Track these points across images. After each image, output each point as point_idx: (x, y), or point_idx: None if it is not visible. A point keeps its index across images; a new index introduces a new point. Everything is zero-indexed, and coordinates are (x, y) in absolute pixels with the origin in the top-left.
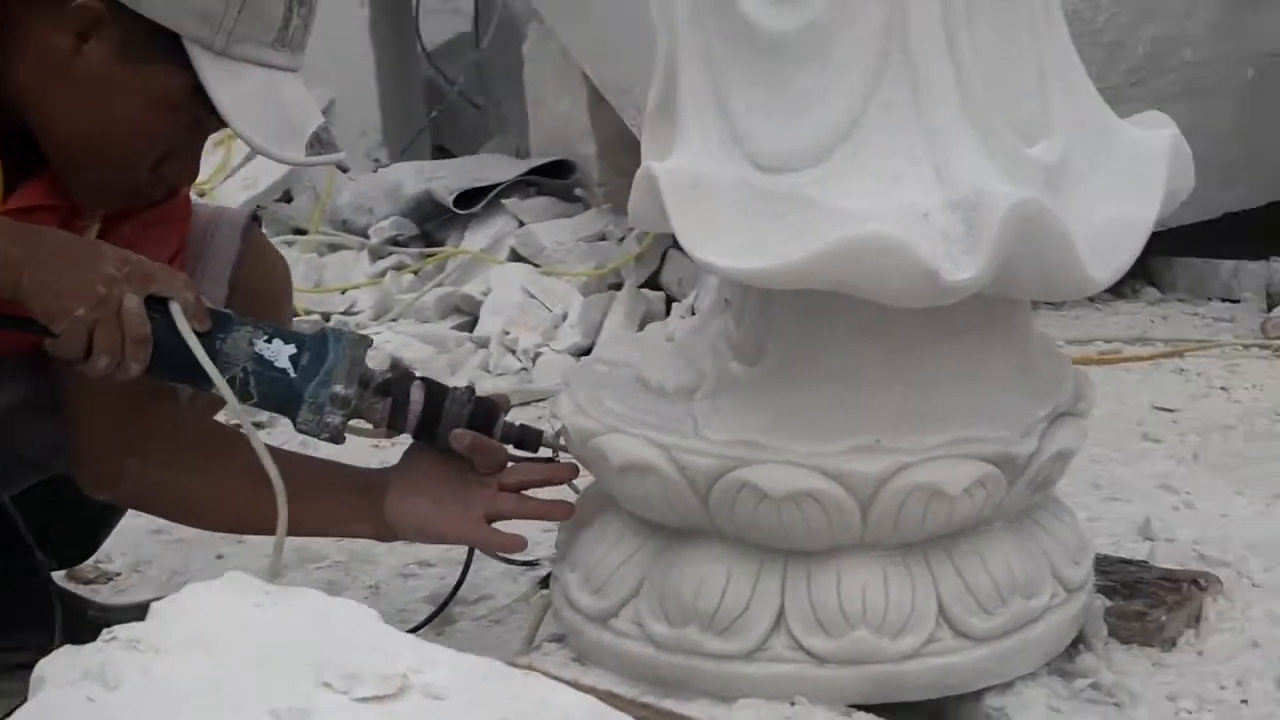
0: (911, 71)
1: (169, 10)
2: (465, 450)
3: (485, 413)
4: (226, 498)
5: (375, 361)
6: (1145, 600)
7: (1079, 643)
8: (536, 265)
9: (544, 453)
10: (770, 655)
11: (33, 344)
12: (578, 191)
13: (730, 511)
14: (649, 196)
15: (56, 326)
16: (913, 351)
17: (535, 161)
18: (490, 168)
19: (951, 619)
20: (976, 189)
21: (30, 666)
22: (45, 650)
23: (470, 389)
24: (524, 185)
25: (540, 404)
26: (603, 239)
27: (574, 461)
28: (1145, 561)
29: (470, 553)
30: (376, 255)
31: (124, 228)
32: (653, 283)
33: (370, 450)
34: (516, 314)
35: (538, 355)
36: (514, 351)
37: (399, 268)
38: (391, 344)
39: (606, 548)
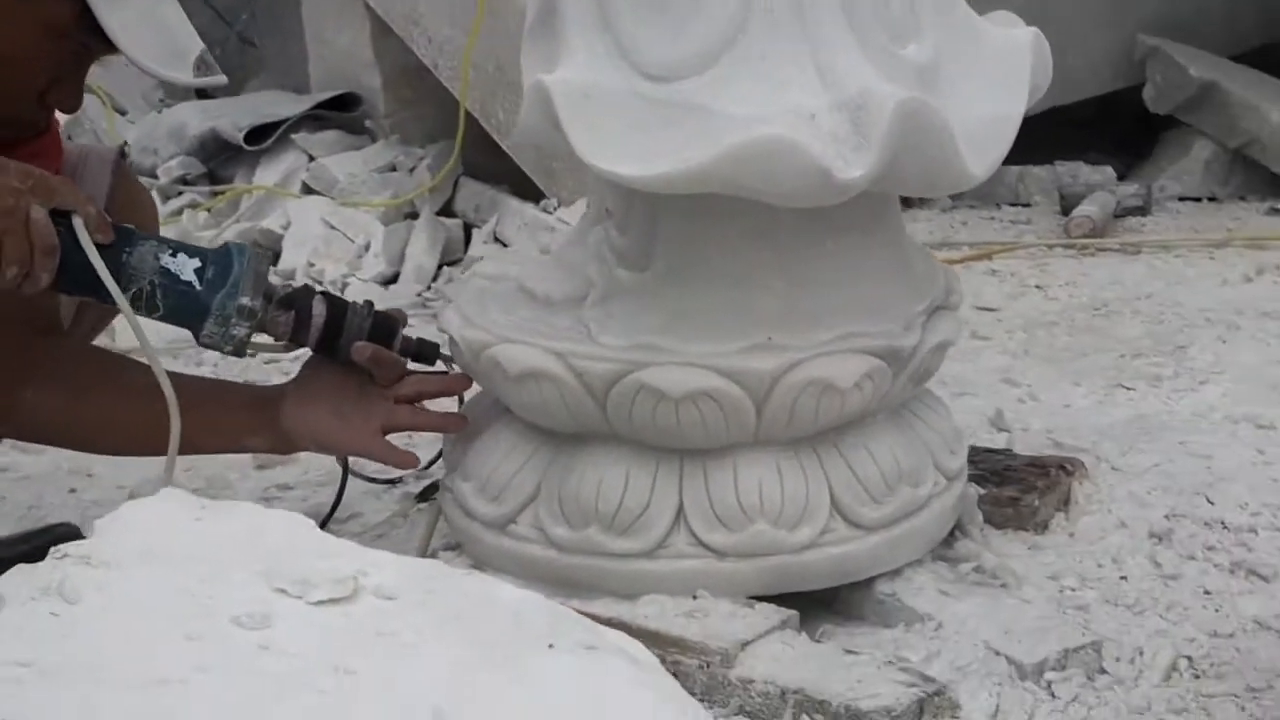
0: None
1: None
2: (366, 362)
3: (385, 326)
4: (121, 419)
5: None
6: (1016, 486)
7: (956, 530)
8: (331, 198)
9: (439, 367)
10: (672, 552)
11: None
12: (367, 123)
13: (628, 414)
14: (539, 107)
15: None
16: (798, 252)
17: (321, 96)
18: (276, 104)
19: (844, 509)
20: (861, 89)
21: None
22: None
23: (369, 304)
24: (311, 120)
25: None
26: (393, 169)
27: (466, 374)
28: (1010, 450)
29: (345, 471)
30: (166, 195)
31: None
32: (447, 211)
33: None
34: (320, 246)
35: (345, 285)
36: (320, 283)
37: (193, 206)
38: None
39: (500, 455)
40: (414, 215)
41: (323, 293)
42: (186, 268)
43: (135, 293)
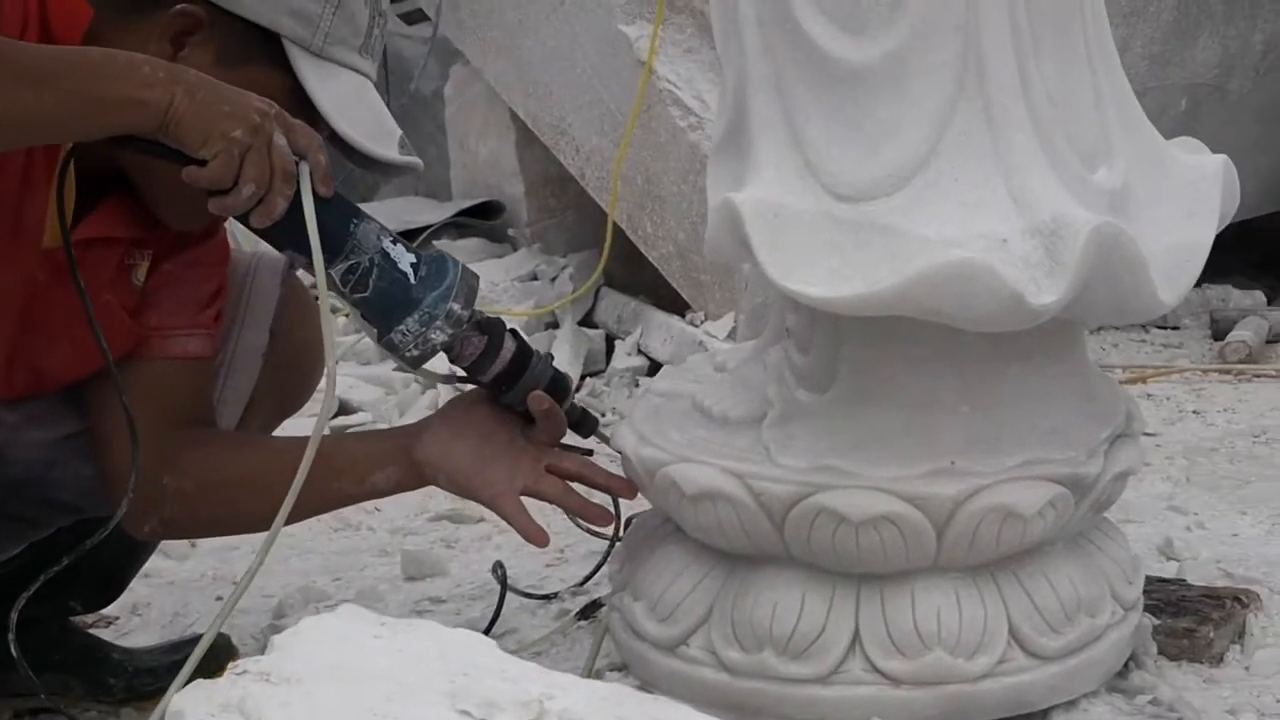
0: (986, 100)
1: (268, 10)
2: (540, 414)
3: (562, 384)
4: (261, 483)
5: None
6: (1192, 617)
7: (1131, 661)
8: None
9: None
10: (846, 678)
11: (73, 380)
12: (510, 232)
13: (807, 537)
14: (728, 227)
15: (209, 149)
16: (982, 376)
17: (465, 203)
18: (418, 210)
19: (1022, 639)
20: (1054, 214)
21: (51, 711)
22: (66, 693)
23: (551, 356)
24: (453, 227)
25: None
26: (535, 278)
27: (632, 481)
28: (1184, 580)
29: (504, 585)
30: None
31: (166, 265)
32: (587, 321)
33: None
34: None
35: None
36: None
37: (334, 311)
38: (337, 388)
39: (673, 575)
40: (555, 325)
41: (513, 330)
42: (404, 259)
43: (351, 266)
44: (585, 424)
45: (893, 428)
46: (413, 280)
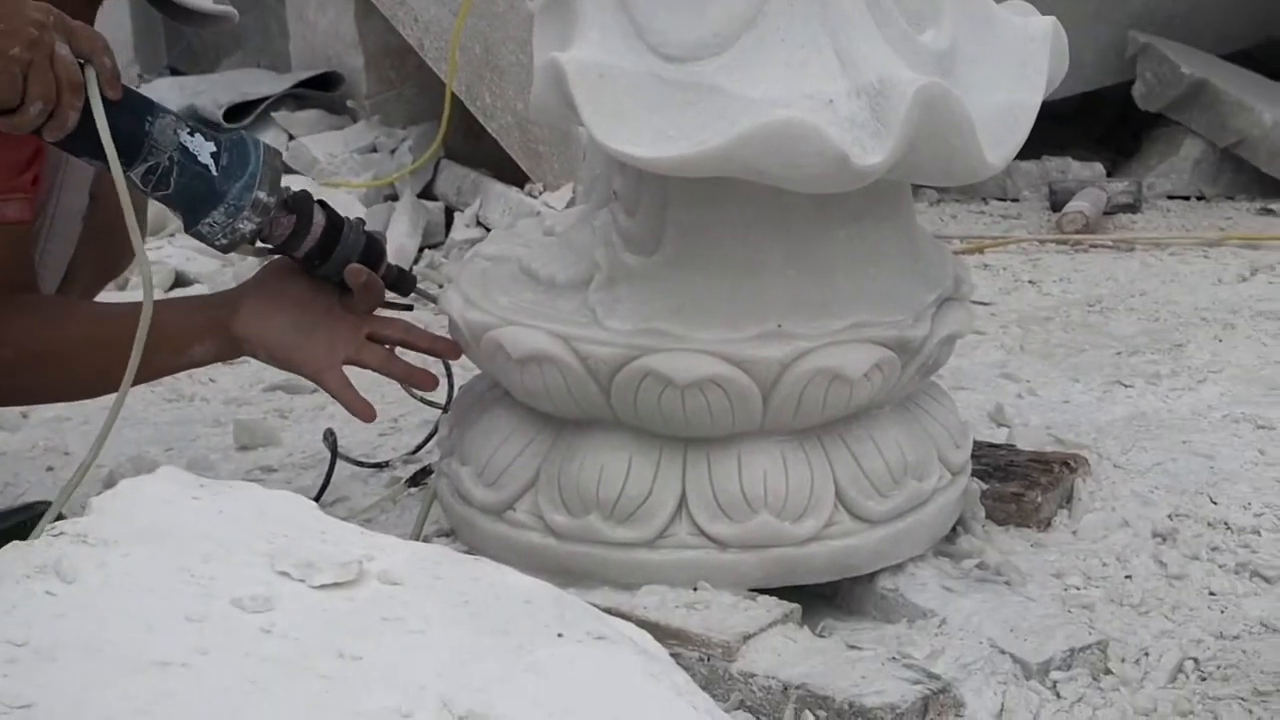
0: None
1: None
2: (358, 286)
3: (375, 250)
4: (83, 352)
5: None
6: (1020, 482)
7: (959, 525)
8: (311, 178)
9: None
10: (673, 541)
11: None
12: (348, 104)
13: (633, 400)
14: (553, 87)
15: None
16: (809, 239)
17: (303, 74)
18: (256, 82)
19: (848, 502)
20: (880, 75)
21: None
22: None
23: (362, 221)
24: (291, 99)
25: None
26: (374, 150)
27: (457, 341)
28: (1012, 445)
29: (333, 454)
30: None
31: None
32: (428, 193)
33: None
34: None
35: None
36: None
37: None
38: (174, 259)
39: (500, 439)
40: (394, 197)
41: (320, 201)
42: (203, 149)
43: (151, 166)
44: (403, 283)
45: (719, 291)
46: (214, 172)
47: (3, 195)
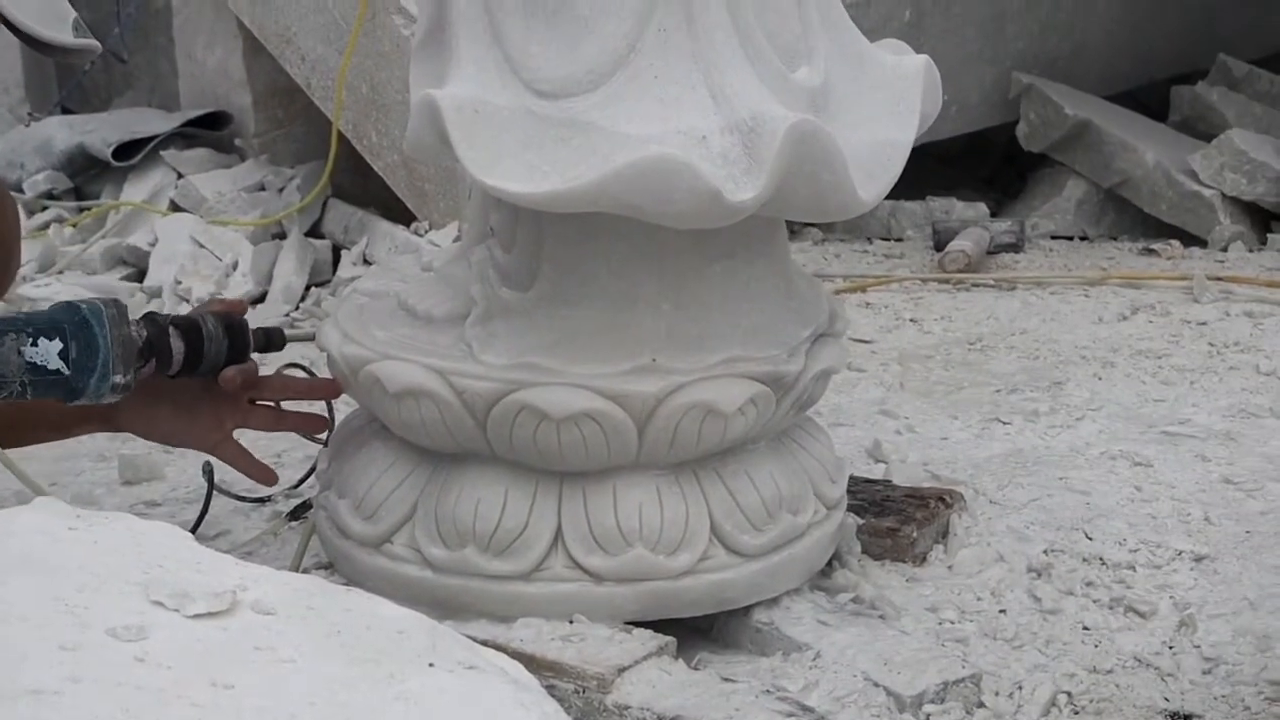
0: None
1: None
2: (237, 391)
3: (238, 337)
4: None
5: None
6: (895, 517)
7: (835, 560)
8: (199, 216)
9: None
10: (549, 575)
11: None
12: (237, 142)
13: (509, 434)
14: (428, 123)
15: None
16: (683, 274)
17: (192, 113)
18: (145, 120)
19: (723, 536)
20: (753, 112)
21: None
22: None
23: (216, 317)
24: (180, 138)
25: None
26: (262, 189)
27: (335, 380)
28: (889, 481)
29: (210, 486)
30: (32, 210)
31: None
32: (315, 232)
33: None
34: (188, 263)
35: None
36: (188, 301)
37: (59, 221)
38: (62, 295)
39: (377, 473)
40: (282, 235)
41: (174, 322)
42: (51, 355)
43: (6, 395)
44: (272, 341)
45: (594, 325)
46: (67, 370)
47: None
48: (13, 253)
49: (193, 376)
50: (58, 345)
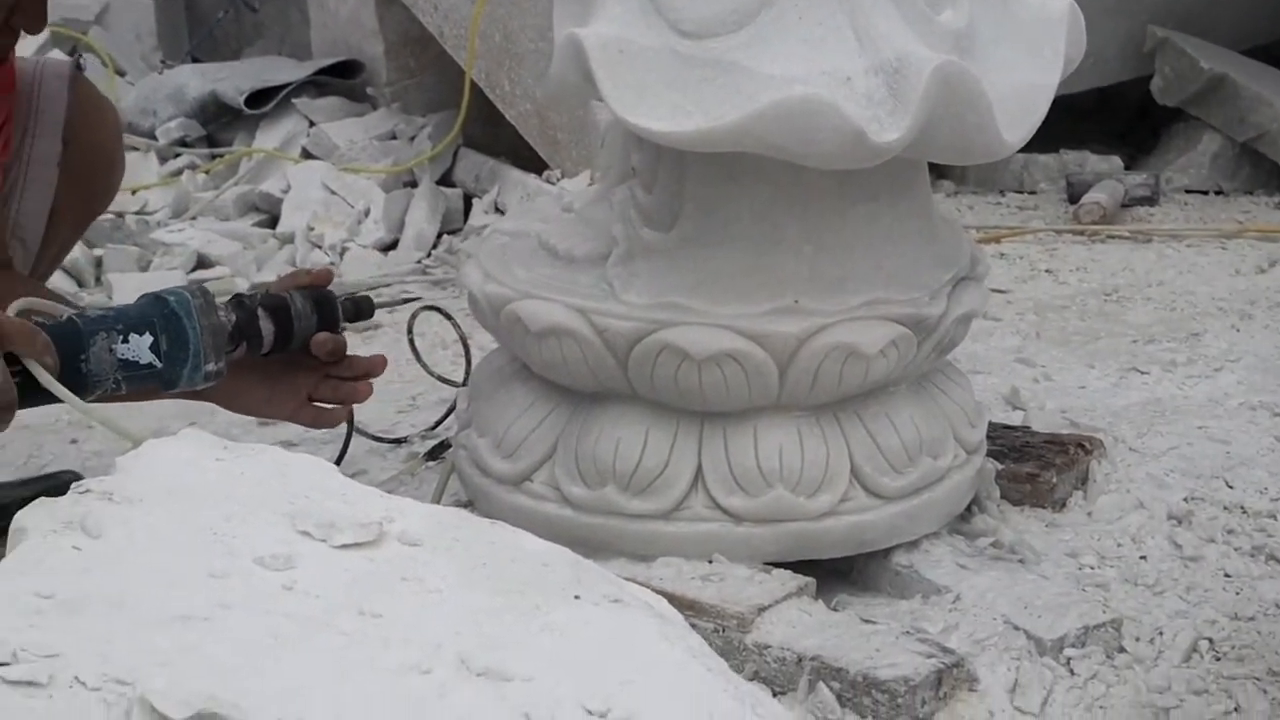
0: None
1: None
2: (324, 354)
3: (327, 310)
4: None
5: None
6: (1035, 463)
7: (974, 504)
8: (331, 164)
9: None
10: (689, 514)
11: None
12: (369, 91)
13: (650, 374)
14: (572, 62)
15: None
16: (826, 216)
17: (323, 61)
18: (277, 69)
19: (863, 478)
20: (898, 53)
21: None
22: None
23: (305, 293)
24: (312, 86)
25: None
26: (393, 138)
27: (383, 355)
28: (1028, 427)
29: (350, 427)
30: (164, 157)
31: None
32: (446, 180)
33: None
34: (320, 210)
35: (344, 250)
36: (320, 247)
37: (191, 168)
38: (195, 241)
39: (517, 411)
40: (413, 184)
41: (262, 302)
42: (143, 349)
43: (100, 394)
44: (361, 310)
45: (736, 266)
46: (160, 364)
47: None
48: (114, 162)
49: (285, 351)
50: (148, 339)
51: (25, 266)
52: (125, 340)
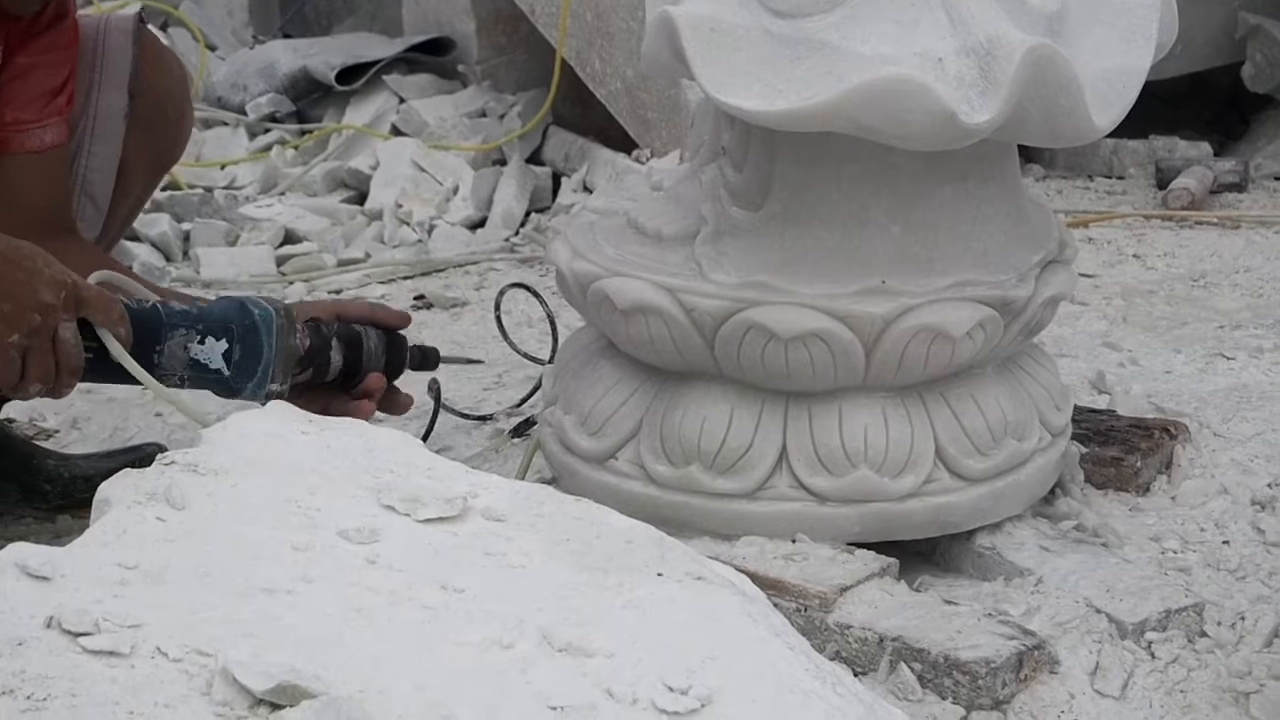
0: None
1: None
2: (366, 394)
3: (395, 355)
4: None
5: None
6: (1120, 447)
7: (1058, 487)
8: (420, 141)
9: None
10: (773, 494)
11: None
12: (459, 68)
13: (736, 352)
14: (664, 40)
15: None
16: (914, 197)
17: (415, 39)
18: (368, 45)
19: (948, 460)
20: (989, 35)
21: None
22: (1, 500)
23: (376, 331)
24: (402, 63)
25: (440, 274)
26: (483, 115)
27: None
28: (1113, 411)
29: (437, 403)
30: (254, 132)
31: (20, 58)
32: (535, 159)
33: None
34: (409, 187)
35: (432, 227)
36: (408, 224)
37: (281, 143)
38: (283, 216)
39: (603, 389)
40: (502, 162)
41: (338, 333)
42: (215, 355)
43: (164, 384)
44: (427, 359)
45: (824, 246)
46: (227, 372)
47: (40, 122)
48: (183, 113)
49: (346, 388)
50: (223, 346)
51: (97, 225)
52: (202, 342)
